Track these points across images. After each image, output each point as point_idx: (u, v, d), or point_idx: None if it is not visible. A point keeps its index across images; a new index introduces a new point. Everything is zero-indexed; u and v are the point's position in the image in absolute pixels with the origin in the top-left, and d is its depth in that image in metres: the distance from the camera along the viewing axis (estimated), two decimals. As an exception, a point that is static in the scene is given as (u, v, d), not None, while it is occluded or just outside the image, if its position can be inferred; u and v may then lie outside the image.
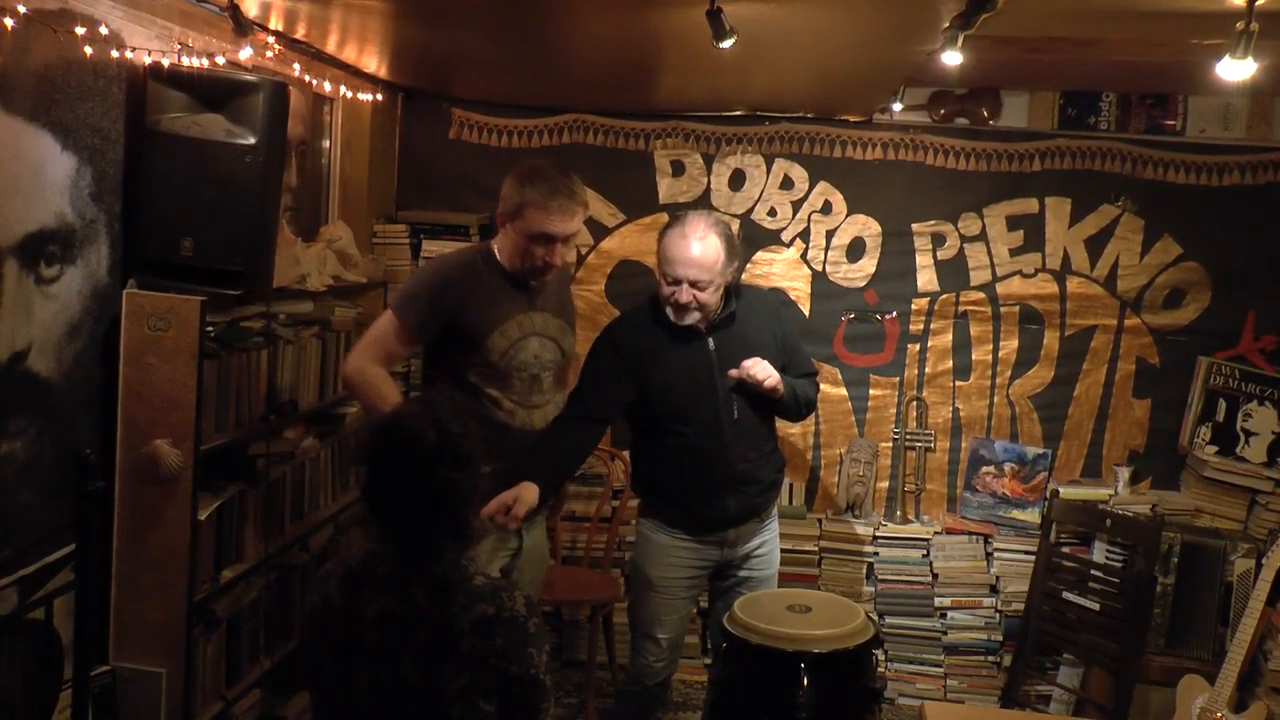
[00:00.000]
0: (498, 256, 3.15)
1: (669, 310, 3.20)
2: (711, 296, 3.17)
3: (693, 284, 3.13)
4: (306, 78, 3.52)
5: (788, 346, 3.39)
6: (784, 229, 4.66)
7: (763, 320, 3.36)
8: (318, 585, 2.11)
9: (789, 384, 3.30)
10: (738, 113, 4.63)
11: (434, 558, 1.99)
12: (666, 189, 4.67)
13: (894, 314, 4.64)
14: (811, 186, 4.63)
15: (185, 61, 2.85)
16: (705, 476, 3.26)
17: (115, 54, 2.73)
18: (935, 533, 4.53)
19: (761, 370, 3.19)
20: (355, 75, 4.10)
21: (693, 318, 3.19)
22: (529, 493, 2.93)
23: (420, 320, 3.10)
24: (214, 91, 2.88)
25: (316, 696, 2.10)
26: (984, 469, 4.60)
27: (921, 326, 4.64)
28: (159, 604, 2.87)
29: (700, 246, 3.13)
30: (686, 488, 3.30)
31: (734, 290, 3.31)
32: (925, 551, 4.51)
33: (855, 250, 4.64)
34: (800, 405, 3.39)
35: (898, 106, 4.28)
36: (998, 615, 4.45)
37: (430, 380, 3.23)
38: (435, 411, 2.02)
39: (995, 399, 4.64)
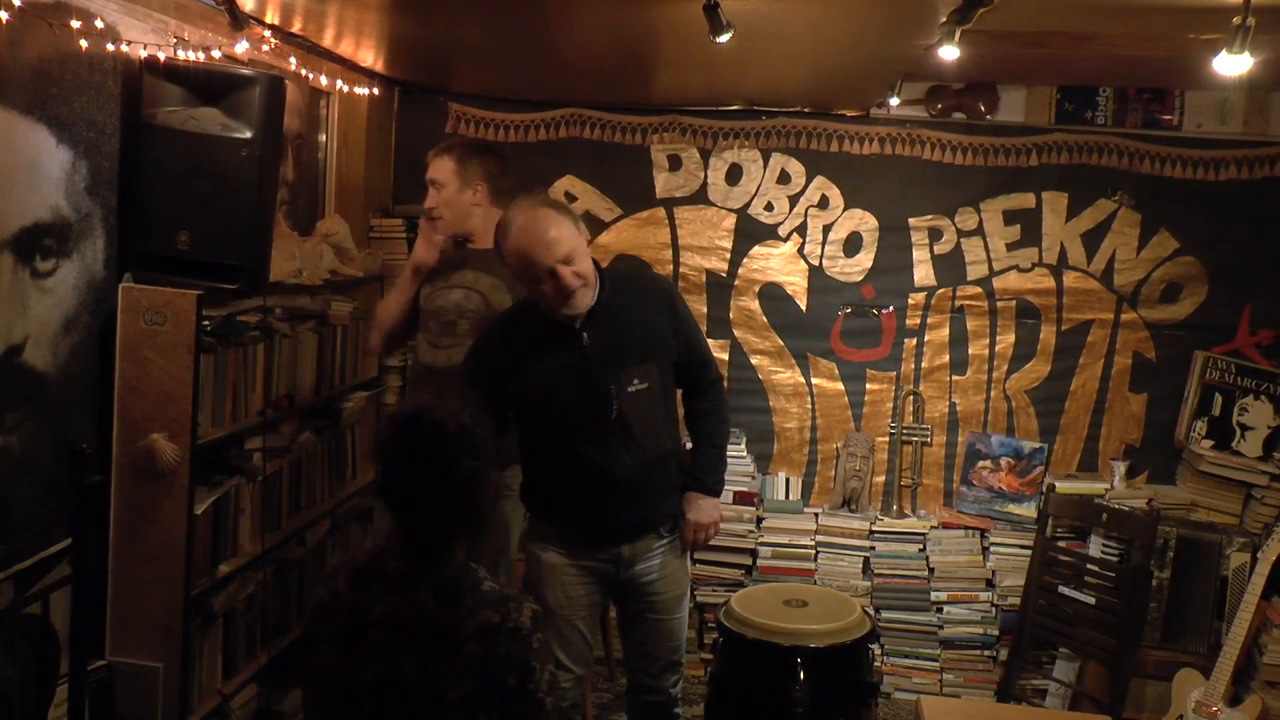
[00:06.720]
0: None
1: (563, 307, 2.88)
2: (586, 265, 2.87)
3: (565, 261, 2.82)
4: (303, 72, 3.51)
5: (685, 339, 3.06)
6: (781, 223, 4.65)
7: (646, 306, 3.02)
8: (326, 579, 2.13)
9: (701, 468, 3.13)
10: (735, 107, 4.62)
11: (446, 555, 2.02)
12: (663, 183, 4.67)
13: (891, 308, 4.65)
14: (808, 181, 4.63)
15: (181, 55, 2.84)
16: (591, 485, 2.95)
17: (111, 47, 2.73)
18: (932, 527, 4.53)
19: (703, 531, 3.09)
20: (352, 69, 4.10)
21: (586, 298, 2.88)
22: None
23: None
24: (210, 85, 2.87)
25: (313, 691, 2.09)
26: (980, 463, 4.61)
27: (918, 321, 4.65)
28: (156, 598, 2.86)
29: (546, 220, 2.84)
30: (574, 499, 2.99)
31: (601, 273, 2.98)
32: (921, 546, 4.51)
33: (852, 245, 4.64)
34: (725, 459, 3.20)
35: (895, 101, 4.28)
36: (994, 609, 4.45)
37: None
38: (448, 406, 2.09)
39: (992, 393, 4.65)
